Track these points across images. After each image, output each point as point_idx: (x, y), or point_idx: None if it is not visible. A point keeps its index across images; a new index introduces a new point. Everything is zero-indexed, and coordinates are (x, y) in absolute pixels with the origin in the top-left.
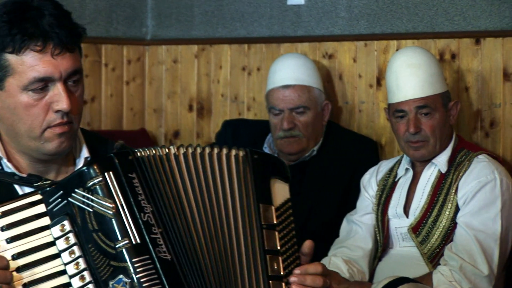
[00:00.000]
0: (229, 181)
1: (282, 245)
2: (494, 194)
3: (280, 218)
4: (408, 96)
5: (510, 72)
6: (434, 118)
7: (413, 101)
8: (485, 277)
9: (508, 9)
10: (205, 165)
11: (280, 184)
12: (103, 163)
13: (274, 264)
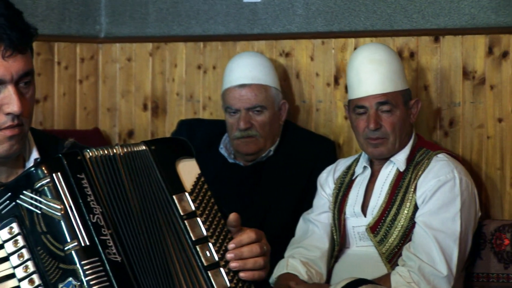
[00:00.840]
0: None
1: (208, 227)
2: (453, 193)
3: (198, 201)
4: (369, 92)
5: (469, 70)
6: (394, 115)
7: (374, 97)
8: (444, 278)
9: (467, 7)
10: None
11: (186, 162)
12: (51, 164)
13: (206, 252)
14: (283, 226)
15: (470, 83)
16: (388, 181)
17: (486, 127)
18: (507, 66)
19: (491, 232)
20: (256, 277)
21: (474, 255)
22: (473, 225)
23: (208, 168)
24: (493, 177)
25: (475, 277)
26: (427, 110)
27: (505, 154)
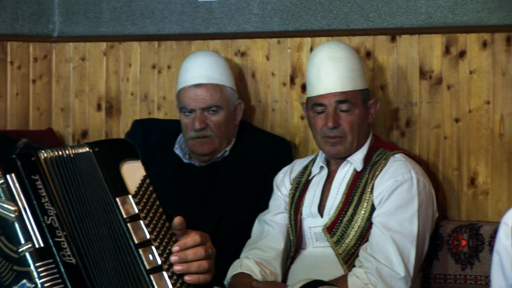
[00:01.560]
0: (86, 182)
1: (152, 231)
2: (410, 194)
3: (141, 203)
4: (328, 90)
5: (426, 70)
6: (353, 114)
7: (333, 95)
8: (402, 279)
9: (424, 6)
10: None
11: (131, 164)
12: (5, 164)
13: (149, 255)
14: (238, 226)
15: (427, 82)
16: (345, 181)
17: (443, 127)
18: (464, 65)
19: (448, 233)
20: (201, 280)
21: (431, 256)
22: (430, 226)
23: (163, 168)
24: (450, 178)
25: (432, 278)
26: (384, 110)
27: (462, 155)
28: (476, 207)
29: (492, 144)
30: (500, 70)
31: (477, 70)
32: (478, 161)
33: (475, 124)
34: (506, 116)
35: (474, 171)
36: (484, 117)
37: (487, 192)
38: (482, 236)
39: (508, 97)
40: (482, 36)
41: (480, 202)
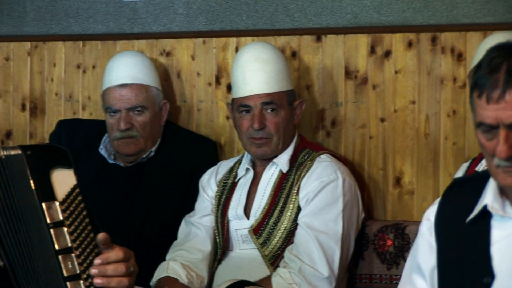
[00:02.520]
0: (15, 185)
1: (74, 239)
2: (336, 194)
3: (68, 211)
4: (254, 91)
5: (351, 70)
6: (279, 115)
7: (259, 97)
8: (325, 279)
9: (349, 5)
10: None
11: (62, 172)
12: None
13: (69, 263)
14: (164, 227)
15: (353, 82)
16: (271, 183)
17: (369, 127)
18: (389, 65)
19: (374, 233)
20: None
21: (357, 256)
22: (355, 226)
23: (88, 169)
24: (375, 178)
25: (358, 278)
26: (309, 110)
27: (387, 154)
28: (401, 207)
29: (418, 144)
30: (426, 70)
31: (403, 70)
32: (404, 161)
33: (400, 124)
34: (431, 116)
35: (399, 171)
36: (410, 117)
37: (412, 192)
38: (407, 236)
39: (433, 97)
40: (408, 36)
41: (405, 202)
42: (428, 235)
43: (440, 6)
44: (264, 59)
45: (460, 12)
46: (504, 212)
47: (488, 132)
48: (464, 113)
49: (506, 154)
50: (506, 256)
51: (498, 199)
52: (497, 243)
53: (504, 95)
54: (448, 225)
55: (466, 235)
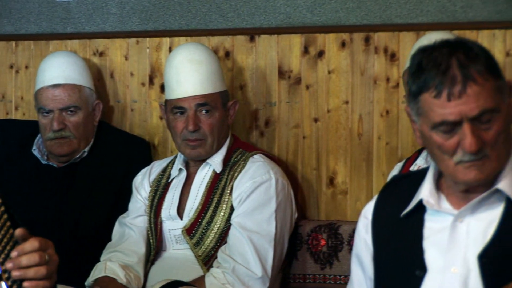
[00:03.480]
0: None
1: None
2: (269, 194)
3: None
4: (188, 93)
5: (285, 70)
6: (213, 117)
7: (193, 98)
8: (259, 279)
9: (283, 6)
10: None
11: None
12: None
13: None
14: (98, 228)
15: (286, 82)
16: (204, 183)
17: (302, 127)
18: (322, 65)
19: (307, 233)
20: (40, 286)
21: (290, 256)
22: (289, 226)
23: (21, 170)
24: (309, 178)
25: (291, 278)
26: (243, 110)
27: (321, 154)
28: (335, 206)
29: (351, 143)
30: (359, 70)
31: (336, 70)
32: (337, 161)
33: (334, 124)
34: (365, 116)
35: (333, 171)
36: (343, 117)
37: (346, 191)
38: (341, 236)
39: (367, 97)
40: (341, 36)
41: (339, 201)
42: (364, 233)
43: (373, 6)
44: (197, 60)
45: (393, 12)
46: (439, 206)
47: (449, 131)
48: (397, 113)
49: (476, 147)
50: (438, 250)
51: (434, 194)
52: (430, 237)
53: (465, 89)
54: (384, 221)
55: (401, 229)
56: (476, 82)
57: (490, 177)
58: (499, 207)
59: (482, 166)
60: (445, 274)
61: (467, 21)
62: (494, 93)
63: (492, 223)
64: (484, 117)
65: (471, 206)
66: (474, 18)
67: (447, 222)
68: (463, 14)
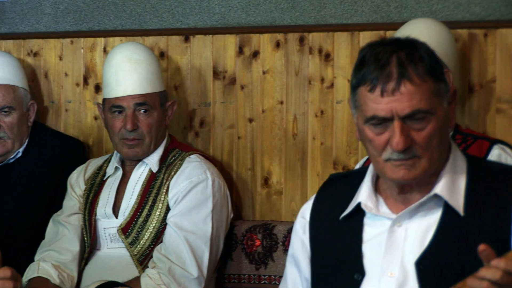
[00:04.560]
0: None
1: None
2: (205, 194)
3: None
4: (127, 92)
5: (220, 70)
6: (151, 116)
7: (132, 98)
8: (195, 279)
9: (217, 6)
10: None
11: None
12: None
13: None
14: (32, 228)
15: (221, 83)
16: (140, 182)
17: (237, 127)
18: (257, 66)
19: (242, 233)
20: None
21: (225, 256)
22: (224, 227)
23: None
24: (244, 178)
25: (226, 278)
26: (178, 110)
27: (255, 154)
28: (270, 207)
29: (286, 144)
30: (293, 70)
31: (270, 70)
32: (272, 161)
33: (268, 124)
34: (299, 116)
35: (267, 171)
36: (278, 117)
37: (280, 191)
38: (276, 236)
39: (301, 97)
40: (275, 36)
41: (273, 202)
42: (302, 233)
43: (307, 6)
44: (137, 59)
45: (327, 12)
46: (378, 210)
47: (379, 126)
48: (332, 113)
49: (403, 145)
50: (376, 254)
51: (372, 198)
52: (369, 241)
53: (399, 87)
54: (322, 222)
55: (340, 232)
56: (412, 81)
57: (419, 178)
58: (437, 212)
59: (411, 166)
60: (382, 278)
61: (401, 21)
62: (431, 95)
63: (430, 228)
64: (416, 117)
65: (409, 211)
66: (408, 18)
67: (385, 227)
68: (397, 14)
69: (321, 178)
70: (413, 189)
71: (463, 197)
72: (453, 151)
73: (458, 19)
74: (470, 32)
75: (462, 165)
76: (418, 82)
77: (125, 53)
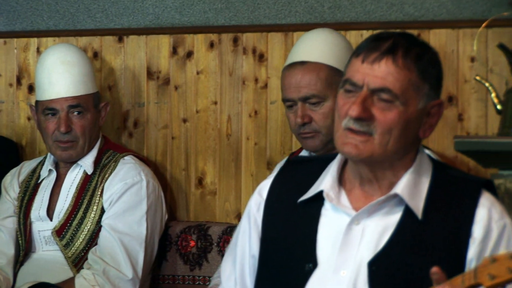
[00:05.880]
0: None
1: None
2: (139, 196)
3: None
4: (61, 94)
5: (153, 70)
6: (85, 118)
7: (65, 100)
8: (129, 281)
9: (151, 6)
10: None
11: None
12: None
13: None
14: None
15: (155, 83)
16: (74, 184)
17: (171, 127)
18: (191, 66)
19: (177, 234)
20: None
21: (160, 257)
22: (159, 228)
23: None
24: (178, 178)
25: (161, 279)
26: (112, 111)
27: (189, 155)
28: (204, 207)
29: (220, 144)
30: (227, 70)
31: (204, 71)
32: (206, 161)
33: (202, 125)
34: (233, 116)
35: (202, 171)
36: (212, 118)
37: (215, 192)
38: (210, 237)
39: (235, 97)
40: (209, 37)
41: (208, 202)
42: (255, 211)
43: (241, 7)
44: (70, 61)
45: (261, 13)
46: (338, 202)
47: (350, 94)
48: (266, 114)
49: (357, 113)
50: (331, 249)
51: (335, 188)
52: (325, 233)
53: (380, 60)
54: (279, 202)
55: (296, 216)
56: (395, 61)
57: (365, 158)
58: (397, 213)
59: (361, 142)
60: (334, 275)
61: (335, 21)
62: (409, 85)
63: (388, 229)
64: (383, 96)
65: (368, 209)
66: (342, 19)
67: (343, 222)
68: (331, 15)
69: (255, 179)
70: (373, 183)
71: (423, 201)
72: (420, 154)
73: (392, 19)
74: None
75: (427, 169)
76: (400, 66)
77: (57, 55)
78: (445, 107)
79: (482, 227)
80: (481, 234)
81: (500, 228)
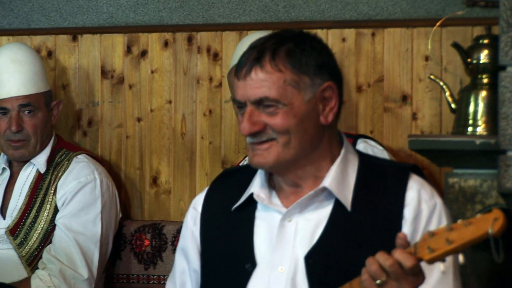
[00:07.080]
0: None
1: None
2: (94, 195)
3: None
4: (11, 93)
5: (108, 69)
6: (36, 117)
7: (16, 99)
8: (85, 281)
9: (105, 5)
10: None
11: None
12: None
13: None
14: None
15: (109, 82)
16: (28, 183)
17: (125, 126)
18: (145, 65)
19: (131, 233)
20: None
21: (114, 256)
22: (114, 227)
23: None
24: (132, 177)
25: (115, 278)
26: (66, 110)
27: (144, 154)
28: (158, 206)
29: (174, 143)
30: (182, 69)
31: (159, 70)
32: (161, 160)
33: (157, 124)
34: (188, 115)
35: (156, 170)
36: (166, 116)
37: (169, 191)
38: (165, 236)
39: (190, 96)
40: (164, 36)
41: (162, 201)
42: (192, 224)
43: (196, 6)
44: (20, 60)
45: (216, 12)
46: (270, 202)
47: (241, 109)
48: (220, 113)
49: (247, 131)
50: (267, 247)
51: (265, 189)
52: (260, 233)
53: (250, 73)
54: (214, 213)
55: (232, 223)
56: (263, 69)
57: (275, 164)
58: (328, 207)
59: (265, 150)
60: (272, 272)
61: (290, 20)
62: (284, 85)
63: (321, 223)
64: (265, 103)
65: (299, 205)
66: (296, 18)
67: (276, 220)
68: (286, 14)
69: (210, 177)
70: (298, 183)
71: (351, 192)
72: (345, 147)
73: (346, 18)
74: (358, 31)
75: (353, 161)
76: (270, 70)
77: (8, 55)
78: (399, 106)
79: (413, 209)
80: (411, 215)
81: (431, 207)
